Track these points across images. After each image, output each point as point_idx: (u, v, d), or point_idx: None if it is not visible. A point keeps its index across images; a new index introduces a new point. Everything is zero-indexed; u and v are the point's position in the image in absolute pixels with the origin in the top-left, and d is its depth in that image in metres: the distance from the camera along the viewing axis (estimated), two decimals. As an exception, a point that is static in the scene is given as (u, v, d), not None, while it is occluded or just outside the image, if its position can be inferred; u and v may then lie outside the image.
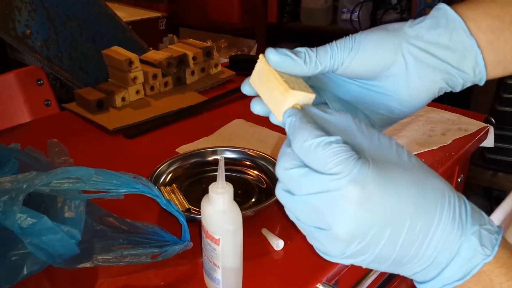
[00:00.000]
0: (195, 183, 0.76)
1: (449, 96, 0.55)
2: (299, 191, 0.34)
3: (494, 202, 1.89)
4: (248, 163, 0.79)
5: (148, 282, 0.57)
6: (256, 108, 0.43)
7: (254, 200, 0.72)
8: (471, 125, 0.93)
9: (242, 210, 0.52)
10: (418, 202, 0.32)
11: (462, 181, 0.98)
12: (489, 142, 0.93)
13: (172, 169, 0.77)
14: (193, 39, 1.21)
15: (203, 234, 0.53)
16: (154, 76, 1.07)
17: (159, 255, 0.58)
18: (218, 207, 0.50)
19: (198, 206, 0.57)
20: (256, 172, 0.78)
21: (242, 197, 0.72)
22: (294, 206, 0.35)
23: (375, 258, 0.33)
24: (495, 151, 1.79)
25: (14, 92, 1.13)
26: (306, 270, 0.58)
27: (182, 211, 0.61)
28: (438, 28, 0.42)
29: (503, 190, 1.88)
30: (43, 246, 0.53)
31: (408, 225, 0.32)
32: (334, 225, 0.32)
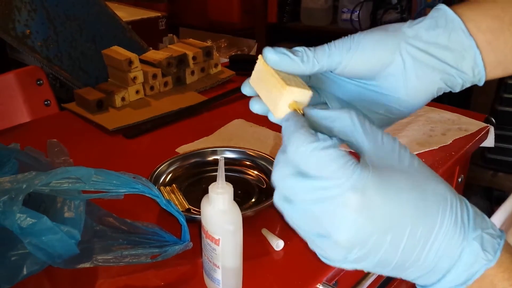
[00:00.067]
0: (195, 183, 0.76)
1: (449, 96, 0.54)
2: (297, 199, 0.33)
3: (495, 202, 1.89)
4: (248, 163, 0.79)
5: (148, 282, 0.57)
6: (255, 107, 0.43)
7: (254, 200, 0.72)
8: (472, 125, 0.93)
9: (242, 210, 0.52)
10: (418, 207, 0.32)
11: (463, 181, 0.98)
12: (489, 142, 0.93)
13: (172, 169, 0.77)
14: (193, 39, 1.21)
15: (203, 234, 0.52)
16: (154, 76, 1.07)
17: (159, 255, 0.58)
18: (218, 207, 0.50)
19: (198, 206, 0.57)
20: (256, 172, 0.78)
21: (242, 197, 0.72)
22: (293, 215, 0.34)
23: (377, 263, 0.33)
24: (496, 151, 1.79)
25: (13, 92, 1.13)
26: (306, 270, 0.58)
27: (182, 211, 0.61)
28: (437, 28, 0.42)
29: (504, 190, 1.88)
30: (43, 246, 0.53)
31: (409, 231, 0.32)
32: (334, 232, 0.32)
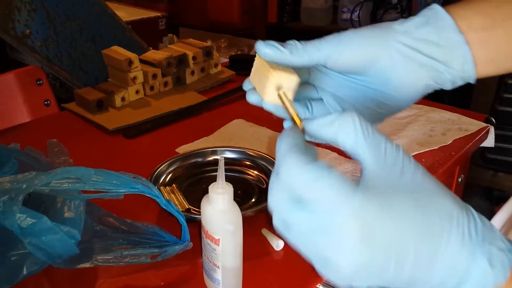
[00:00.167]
0: (195, 183, 0.76)
1: (449, 96, 0.54)
2: (295, 229, 0.32)
3: (495, 202, 1.88)
4: (248, 163, 0.79)
5: (148, 282, 0.57)
6: (251, 98, 0.44)
7: (254, 200, 0.72)
8: (472, 125, 0.93)
9: (242, 210, 0.52)
10: (422, 228, 0.31)
11: (463, 181, 0.98)
12: (489, 142, 0.93)
13: (172, 169, 0.77)
14: (193, 39, 1.21)
15: (203, 234, 0.52)
16: (154, 76, 1.07)
17: (159, 255, 0.58)
18: (218, 207, 0.50)
19: (198, 206, 0.57)
20: (256, 172, 0.78)
21: (242, 197, 0.72)
22: (293, 241, 0.33)
23: (383, 284, 0.33)
24: (496, 151, 1.79)
25: (13, 92, 1.13)
26: (306, 270, 0.58)
27: (182, 211, 0.61)
28: (427, 25, 0.43)
29: (504, 190, 1.87)
30: (43, 246, 0.53)
31: (413, 253, 0.31)
32: (335, 260, 0.31)
